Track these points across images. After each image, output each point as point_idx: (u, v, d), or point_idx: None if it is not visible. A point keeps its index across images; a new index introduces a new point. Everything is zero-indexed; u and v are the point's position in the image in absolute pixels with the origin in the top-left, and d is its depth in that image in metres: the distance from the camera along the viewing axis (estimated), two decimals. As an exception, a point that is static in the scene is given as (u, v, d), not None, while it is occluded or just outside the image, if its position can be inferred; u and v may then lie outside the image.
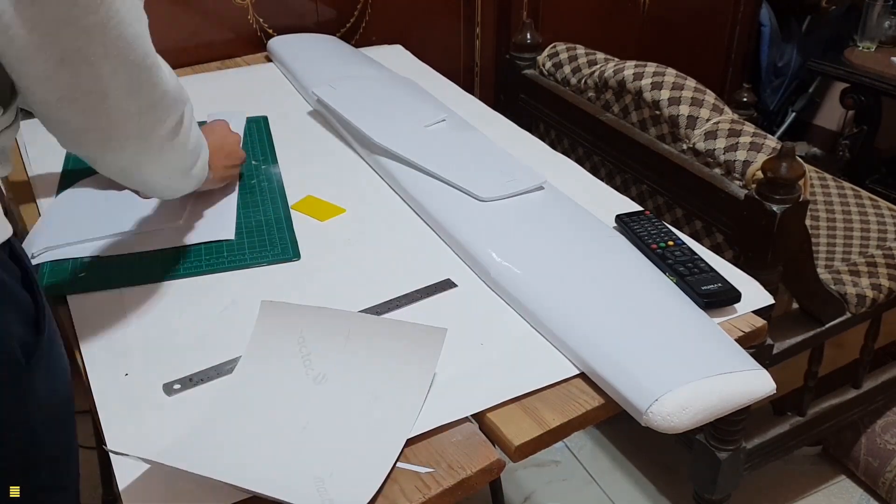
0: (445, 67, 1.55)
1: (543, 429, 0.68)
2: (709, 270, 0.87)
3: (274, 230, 0.97)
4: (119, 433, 0.67)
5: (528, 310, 0.81)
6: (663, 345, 0.75)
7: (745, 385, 0.72)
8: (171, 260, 0.91)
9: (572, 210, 0.99)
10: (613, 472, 1.66)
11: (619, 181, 1.39)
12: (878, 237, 1.52)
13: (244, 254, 0.93)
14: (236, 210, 1.01)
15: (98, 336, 0.79)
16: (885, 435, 1.56)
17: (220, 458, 0.64)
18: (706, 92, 1.26)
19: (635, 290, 0.84)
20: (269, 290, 0.87)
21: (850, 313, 1.32)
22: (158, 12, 1.50)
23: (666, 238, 0.93)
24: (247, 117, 1.27)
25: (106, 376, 0.74)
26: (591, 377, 0.74)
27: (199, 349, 0.77)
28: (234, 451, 0.65)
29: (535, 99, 1.54)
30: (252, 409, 0.69)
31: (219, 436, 0.66)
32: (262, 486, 0.59)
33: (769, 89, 2.64)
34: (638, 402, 0.69)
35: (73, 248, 0.92)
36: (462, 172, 1.03)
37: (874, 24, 2.22)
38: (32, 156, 1.15)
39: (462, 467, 0.65)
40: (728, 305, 0.83)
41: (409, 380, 0.70)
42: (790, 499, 1.58)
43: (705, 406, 0.69)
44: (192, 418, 0.69)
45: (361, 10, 1.72)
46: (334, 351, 0.73)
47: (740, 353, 0.75)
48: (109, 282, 0.87)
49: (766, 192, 1.09)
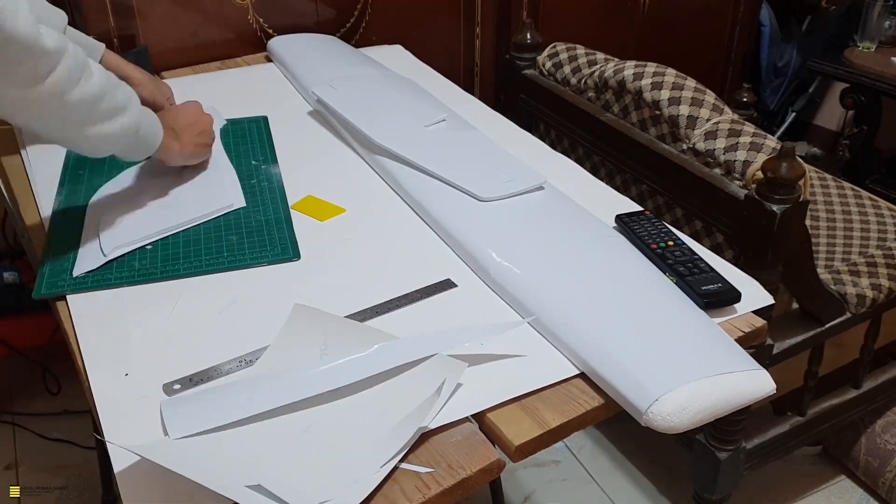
0: (445, 67, 1.55)
1: (543, 429, 0.68)
2: (709, 270, 0.87)
3: (274, 230, 0.97)
4: (119, 433, 0.67)
5: (528, 310, 0.81)
6: (663, 345, 0.75)
7: (745, 385, 0.72)
8: (171, 259, 0.91)
9: (572, 210, 0.99)
10: (613, 471, 1.66)
11: (619, 181, 1.39)
12: (878, 237, 1.52)
13: (244, 254, 0.93)
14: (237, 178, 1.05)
15: (98, 336, 0.79)
16: (885, 435, 1.56)
17: (212, 457, 0.64)
18: (706, 92, 1.26)
19: (635, 290, 0.84)
20: (270, 290, 0.87)
21: (850, 313, 1.32)
22: (158, 12, 1.51)
23: (666, 238, 0.93)
24: (246, 118, 1.27)
25: (106, 376, 0.74)
26: (591, 377, 0.74)
27: (199, 349, 0.77)
28: (231, 448, 0.65)
29: (535, 99, 1.54)
30: (259, 403, 0.69)
31: (218, 432, 0.67)
32: (245, 497, 0.60)
33: (769, 89, 2.64)
34: (638, 402, 0.69)
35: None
36: (462, 172, 1.03)
37: (874, 24, 2.22)
38: (32, 156, 1.15)
39: (462, 467, 0.65)
40: (728, 305, 0.83)
41: (419, 404, 0.69)
42: (790, 499, 1.58)
43: (705, 406, 0.69)
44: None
45: (361, 10, 1.72)
46: (353, 364, 0.73)
47: (740, 353, 0.75)
48: (109, 282, 0.87)
49: (766, 192, 1.09)
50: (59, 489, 1.61)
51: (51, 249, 0.93)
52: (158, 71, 1.50)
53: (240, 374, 0.74)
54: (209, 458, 0.64)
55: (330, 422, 0.68)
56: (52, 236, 0.96)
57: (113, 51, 1.14)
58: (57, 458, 1.68)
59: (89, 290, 0.86)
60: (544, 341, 0.79)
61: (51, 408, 1.78)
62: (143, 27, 1.50)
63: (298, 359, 0.74)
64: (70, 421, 1.74)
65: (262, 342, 0.77)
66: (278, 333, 0.77)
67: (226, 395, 0.70)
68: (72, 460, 1.67)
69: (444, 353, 0.73)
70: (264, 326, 0.80)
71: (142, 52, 1.43)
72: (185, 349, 0.77)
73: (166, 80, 1.46)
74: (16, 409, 1.79)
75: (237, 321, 0.81)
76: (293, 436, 0.67)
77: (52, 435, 1.73)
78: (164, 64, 1.52)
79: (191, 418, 0.67)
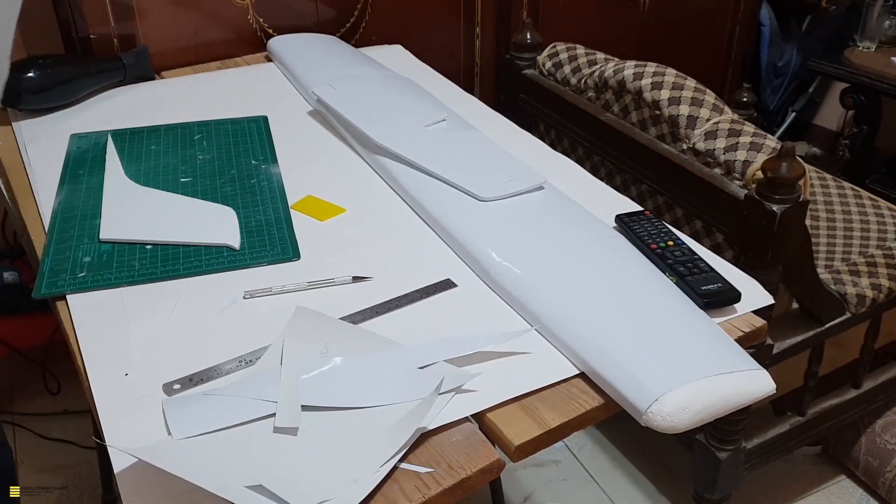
0: (445, 67, 1.55)
1: (543, 429, 0.68)
2: (709, 270, 0.87)
3: (274, 230, 0.97)
4: (119, 433, 0.67)
5: (528, 310, 0.81)
6: (663, 345, 0.75)
7: (745, 385, 0.72)
8: (171, 259, 0.91)
9: (572, 210, 0.99)
10: (613, 471, 1.66)
11: (618, 181, 1.39)
12: (878, 237, 1.52)
13: (244, 254, 0.93)
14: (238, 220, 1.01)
15: (98, 336, 0.79)
16: (885, 435, 1.56)
17: (212, 458, 0.64)
18: (706, 92, 1.26)
19: (635, 290, 0.84)
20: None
21: (850, 313, 1.32)
22: (158, 12, 1.51)
23: (666, 238, 0.93)
24: (246, 118, 1.27)
25: (106, 376, 0.74)
26: (591, 377, 0.74)
27: (199, 349, 0.77)
28: (230, 448, 0.65)
29: (535, 99, 1.54)
30: (263, 405, 0.69)
31: (218, 432, 0.67)
32: (245, 498, 0.60)
33: (769, 89, 2.64)
34: (638, 402, 0.69)
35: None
36: (462, 173, 1.03)
37: (874, 23, 2.22)
38: (32, 156, 1.15)
39: (462, 467, 0.65)
40: (728, 305, 0.83)
41: (417, 404, 0.69)
42: (790, 499, 1.58)
43: (705, 406, 0.69)
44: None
45: (361, 10, 1.72)
46: (353, 367, 0.73)
47: (740, 352, 0.75)
48: (109, 282, 0.87)
49: (766, 192, 1.09)
50: (59, 489, 1.61)
51: (51, 249, 0.93)
52: (158, 71, 1.50)
53: (240, 374, 0.74)
54: (209, 459, 0.64)
55: (329, 421, 0.68)
56: (51, 236, 0.96)
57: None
58: (57, 458, 1.68)
59: (89, 290, 0.86)
60: (544, 341, 0.79)
61: (51, 408, 1.78)
62: (142, 27, 1.50)
63: (299, 359, 0.74)
64: (70, 421, 1.74)
65: (262, 342, 0.77)
66: (280, 333, 0.77)
67: (230, 397, 0.70)
68: (72, 460, 1.67)
69: (447, 357, 0.73)
70: (264, 326, 0.80)
71: (142, 52, 1.43)
72: (185, 349, 0.77)
73: (166, 80, 1.47)
74: (16, 409, 1.79)
75: (237, 321, 0.81)
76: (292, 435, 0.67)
77: (52, 435, 1.73)
78: (163, 64, 1.52)
79: (195, 419, 0.67)
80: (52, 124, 1.26)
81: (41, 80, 1.27)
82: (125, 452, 0.61)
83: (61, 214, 1.01)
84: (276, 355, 0.75)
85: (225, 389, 0.72)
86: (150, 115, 1.28)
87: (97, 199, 1.03)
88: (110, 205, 1.01)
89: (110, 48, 1.48)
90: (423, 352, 0.75)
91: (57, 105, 1.30)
